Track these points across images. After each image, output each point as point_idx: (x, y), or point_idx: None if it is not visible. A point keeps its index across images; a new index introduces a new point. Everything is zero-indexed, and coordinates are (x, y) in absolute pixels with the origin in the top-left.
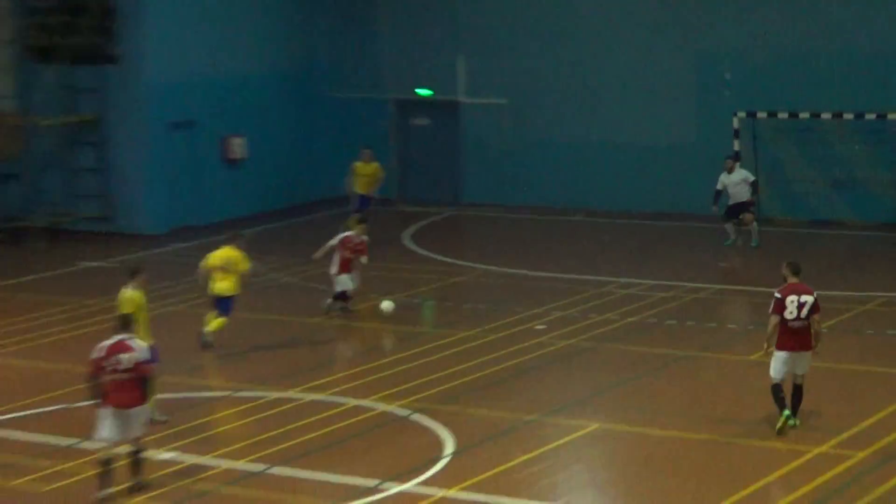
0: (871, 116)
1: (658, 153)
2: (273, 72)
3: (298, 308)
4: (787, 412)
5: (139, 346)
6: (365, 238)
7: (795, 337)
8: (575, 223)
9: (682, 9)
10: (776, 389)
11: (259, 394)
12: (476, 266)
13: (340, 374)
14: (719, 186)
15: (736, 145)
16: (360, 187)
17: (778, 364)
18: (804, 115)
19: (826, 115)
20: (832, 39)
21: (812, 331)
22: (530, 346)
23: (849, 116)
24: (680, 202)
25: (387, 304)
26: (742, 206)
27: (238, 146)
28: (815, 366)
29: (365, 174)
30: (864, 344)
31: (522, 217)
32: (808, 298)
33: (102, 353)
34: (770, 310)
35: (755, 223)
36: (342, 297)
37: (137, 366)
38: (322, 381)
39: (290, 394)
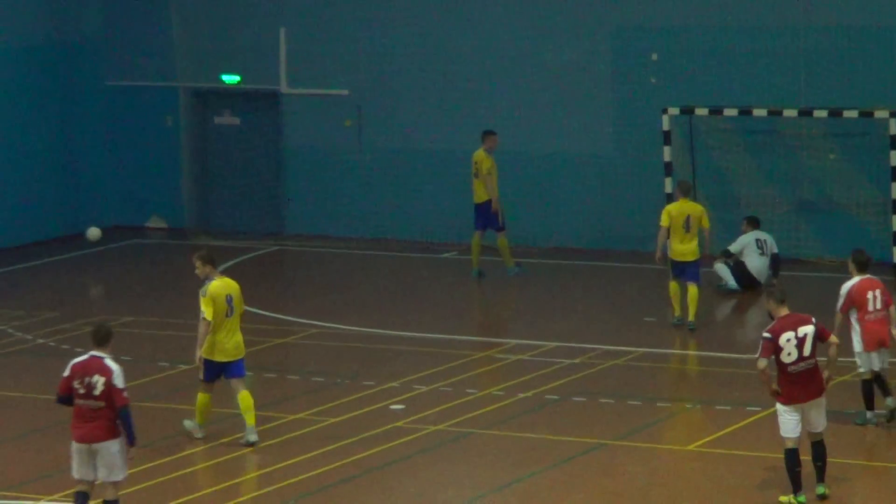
0: (851, 114)
1: (561, 168)
2: (20, 49)
3: (52, 381)
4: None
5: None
6: None
7: (804, 384)
8: (446, 263)
9: None
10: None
11: (7, 503)
12: (308, 322)
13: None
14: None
15: (666, 154)
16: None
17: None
18: (759, 113)
19: (790, 113)
20: (796, 12)
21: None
22: (384, 433)
23: (821, 114)
24: (593, 234)
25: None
26: None
27: None
28: None
29: None
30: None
31: (371, 254)
32: (808, 329)
33: (68, 373)
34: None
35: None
36: None
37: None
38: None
39: (49, 501)
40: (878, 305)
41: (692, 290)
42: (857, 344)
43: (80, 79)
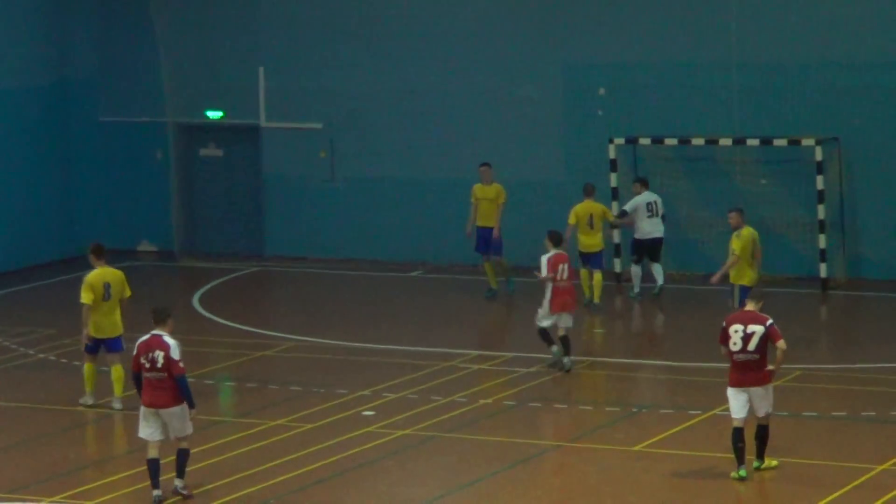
0: (780, 143)
1: (516, 194)
2: (17, 88)
3: (54, 393)
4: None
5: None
6: None
7: (745, 371)
8: (412, 281)
9: (544, 15)
10: (735, 435)
11: None
12: (286, 336)
13: (115, 477)
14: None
15: (613, 180)
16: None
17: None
18: (697, 142)
19: (725, 142)
20: (731, 51)
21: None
22: (357, 437)
23: (753, 143)
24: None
25: None
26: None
27: None
28: None
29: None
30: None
31: (344, 274)
32: (757, 328)
33: (135, 351)
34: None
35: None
36: None
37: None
38: (91, 485)
39: (50, 503)
40: (566, 276)
41: (597, 276)
42: (546, 305)
43: (76, 116)
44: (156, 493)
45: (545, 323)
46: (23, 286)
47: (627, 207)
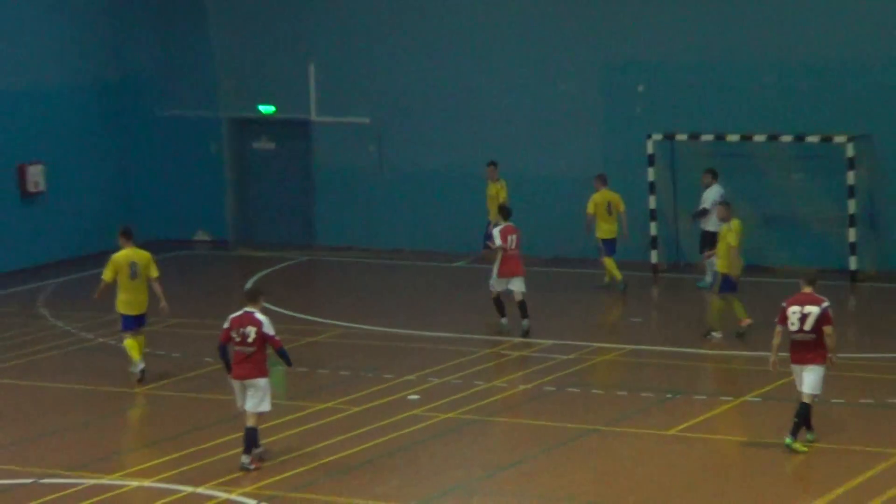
0: (813, 139)
1: (556, 187)
2: (80, 85)
3: (112, 375)
4: (809, 435)
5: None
6: None
7: (802, 350)
8: (457, 271)
9: (584, 13)
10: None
11: (72, 481)
12: (335, 323)
13: (170, 456)
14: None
15: (650, 174)
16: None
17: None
18: (732, 138)
19: (759, 138)
20: (766, 49)
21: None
22: (402, 420)
23: (787, 139)
24: (586, 245)
25: None
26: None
27: (35, 176)
28: None
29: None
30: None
31: (391, 263)
32: (813, 309)
33: (227, 325)
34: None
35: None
36: None
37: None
38: (147, 464)
39: (109, 480)
40: (514, 245)
41: (609, 259)
42: (495, 271)
43: (134, 110)
44: (244, 459)
45: (498, 288)
46: (84, 273)
47: (707, 205)
